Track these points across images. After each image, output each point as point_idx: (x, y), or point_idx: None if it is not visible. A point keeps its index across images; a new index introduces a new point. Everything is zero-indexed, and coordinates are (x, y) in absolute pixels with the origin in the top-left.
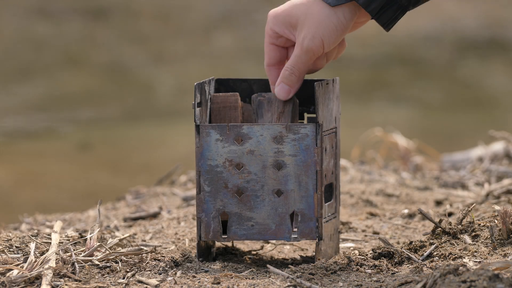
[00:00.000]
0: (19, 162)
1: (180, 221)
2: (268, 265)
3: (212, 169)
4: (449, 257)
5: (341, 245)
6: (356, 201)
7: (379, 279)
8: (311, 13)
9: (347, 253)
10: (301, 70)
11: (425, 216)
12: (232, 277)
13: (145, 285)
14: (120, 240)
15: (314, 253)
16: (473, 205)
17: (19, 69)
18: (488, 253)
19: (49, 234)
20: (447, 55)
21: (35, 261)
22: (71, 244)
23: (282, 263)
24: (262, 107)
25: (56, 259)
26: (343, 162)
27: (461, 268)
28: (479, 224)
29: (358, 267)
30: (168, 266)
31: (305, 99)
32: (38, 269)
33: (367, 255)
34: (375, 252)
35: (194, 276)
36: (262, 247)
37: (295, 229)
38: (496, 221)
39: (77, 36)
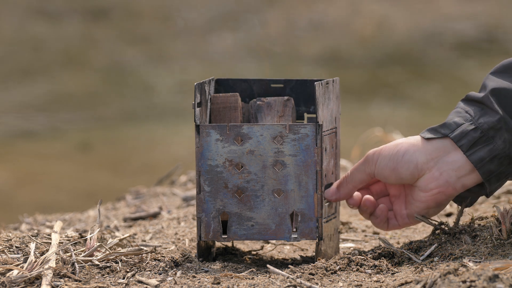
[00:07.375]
0: (19, 162)
1: (180, 221)
2: (268, 265)
3: (212, 169)
4: (449, 257)
5: (341, 245)
6: None
7: (379, 279)
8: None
9: (347, 253)
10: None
11: (423, 221)
12: (232, 277)
13: (145, 285)
14: (120, 240)
15: (314, 253)
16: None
17: (19, 69)
18: (488, 253)
19: (49, 234)
20: (447, 55)
21: (35, 261)
22: (71, 244)
23: (282, 263)
24: (261, 111)
25: (56, 259)
26: (343, 162)
27: (461, 268)
28: (479, 224)
29: (358, 267)
30: (168, 266)
31: (305, 99)
32: (38, 269)
33: (367, 255)
34: (375, 252)
35: (194, 276)
36: (262, 247)
37: (295, 229)
38: (496, 221)
39: (77, 36)
